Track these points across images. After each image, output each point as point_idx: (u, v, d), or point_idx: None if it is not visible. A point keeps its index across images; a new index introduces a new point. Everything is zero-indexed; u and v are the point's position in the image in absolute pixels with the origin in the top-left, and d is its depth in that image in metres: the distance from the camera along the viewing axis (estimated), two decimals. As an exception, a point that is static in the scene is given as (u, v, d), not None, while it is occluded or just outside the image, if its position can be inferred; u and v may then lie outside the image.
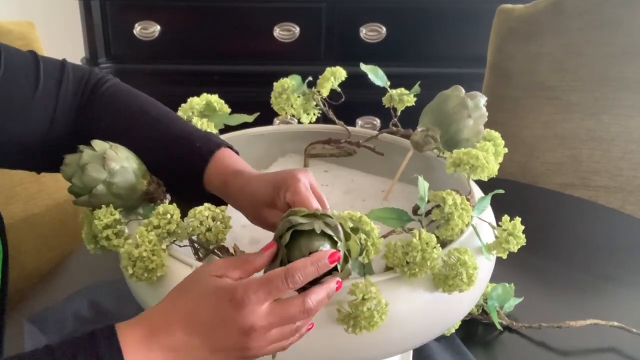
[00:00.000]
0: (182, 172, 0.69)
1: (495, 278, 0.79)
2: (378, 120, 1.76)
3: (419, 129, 0.77)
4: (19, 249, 1.10)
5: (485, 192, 0.72)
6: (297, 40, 1.69)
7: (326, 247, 0.54)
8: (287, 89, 0.80)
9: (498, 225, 0.68)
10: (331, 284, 0.53)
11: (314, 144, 0.87)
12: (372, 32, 1.69)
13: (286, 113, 0.81)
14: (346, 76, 0.83)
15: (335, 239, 0.55)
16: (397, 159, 0.81)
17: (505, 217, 0.67)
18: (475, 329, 0.87)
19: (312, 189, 0.61)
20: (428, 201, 0.66)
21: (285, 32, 1.69)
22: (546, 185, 1.35)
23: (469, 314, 0.86)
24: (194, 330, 0.51)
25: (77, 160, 0.66)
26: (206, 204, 0.62)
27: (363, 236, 0.60)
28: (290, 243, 0.54)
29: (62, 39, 1.78)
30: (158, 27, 1.69)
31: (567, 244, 1.08)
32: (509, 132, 1.39)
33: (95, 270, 0.97)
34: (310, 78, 0.82)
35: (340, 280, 0.54)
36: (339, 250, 0.54)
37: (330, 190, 0.83)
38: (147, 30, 1.69)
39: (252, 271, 0.54)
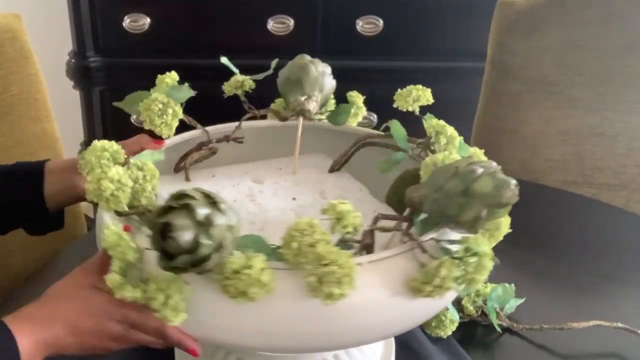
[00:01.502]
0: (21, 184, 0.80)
1: (495, 278, 0.78)
2: (375, 116, 1.74)
3: (291, 99, 0.77)
4: (5, 249, 1.09)
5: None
6: (291, 33, 1.67)
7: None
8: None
9: None
10: (188, 342, 0.63)
11: (185, 155, 0.80)
12: (368, 25, 1.67)
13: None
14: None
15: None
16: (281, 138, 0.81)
17: None
18: (474, 330, 0.85)
19: None
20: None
21: (279, 24, 1.67)
22: (548, 183, 1.35)
23: (468, 315, 0.85)
24: (74, 332, 0.63)
25: None
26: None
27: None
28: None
29: (50, 31, 1.76)
30: (148, 20, 1.66)
31: (570, 243, 1.07)
32: (510, 128, 1.38)
33: (82, 270, 0.95)
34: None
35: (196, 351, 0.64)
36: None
37: (238, 191, 0.77)
38: (137, 23, 1.66)
39: None
